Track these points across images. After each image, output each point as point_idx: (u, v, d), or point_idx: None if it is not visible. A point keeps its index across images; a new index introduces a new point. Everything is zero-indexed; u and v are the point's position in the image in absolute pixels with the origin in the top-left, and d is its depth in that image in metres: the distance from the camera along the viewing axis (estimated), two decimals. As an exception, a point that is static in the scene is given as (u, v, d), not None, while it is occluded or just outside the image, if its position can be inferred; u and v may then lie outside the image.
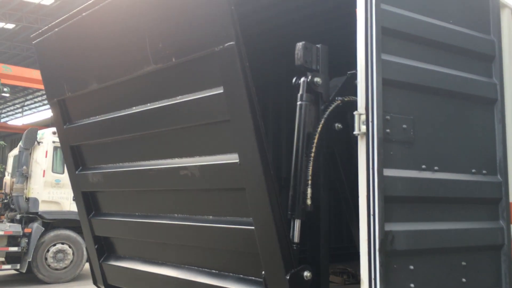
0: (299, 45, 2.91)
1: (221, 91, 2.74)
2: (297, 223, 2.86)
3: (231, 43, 2.59)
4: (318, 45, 2.95)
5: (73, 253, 11.36)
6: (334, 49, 3.06)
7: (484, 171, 3.20)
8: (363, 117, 2.72)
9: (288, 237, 2.74)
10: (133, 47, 3.24)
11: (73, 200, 11.25)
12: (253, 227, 2.78)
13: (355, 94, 2.83)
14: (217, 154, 2.92)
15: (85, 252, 11.49)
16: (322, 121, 2.91)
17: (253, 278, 2.92)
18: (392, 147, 2.76)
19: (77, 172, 4.12)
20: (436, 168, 2.96)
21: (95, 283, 4.31)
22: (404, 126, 2.84)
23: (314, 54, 2.94)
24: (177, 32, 2.94)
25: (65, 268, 11.25)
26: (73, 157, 4.11)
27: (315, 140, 2.86)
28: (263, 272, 2.77)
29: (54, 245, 11.15)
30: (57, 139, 11.40)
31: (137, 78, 3.29)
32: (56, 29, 3.73)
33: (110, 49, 3.43)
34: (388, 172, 2.70)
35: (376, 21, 2.74)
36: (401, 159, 2.81)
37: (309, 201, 2.82)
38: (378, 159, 2.67)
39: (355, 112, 2.75)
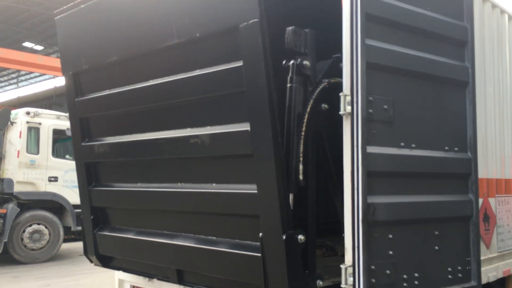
0: (289, 29, 3.08)
1: (240, 64, 2.97)
2: (290, 197, 3.06)
3: (256, 20, 2.82)
4: (307, 30, 3.12)
5: (49, 234, 11.40)
6: (319, 33, 3.23)
7: (456, 148, 3.46)
8: (348, 98, 2.93)
9: (288, 201, 2.95)
10: (158, 21, 3.46)
11: (49, 181, 11.32)
12: (255, 191, 2.99)
13: (340, 76, 3.04)
14: (229, 123, 3.14)
15: (61, 233, 11.56)
16: (311, 102, 3.11)
17: (250, 242, 3.13)
18: (374, 126, 2.98)
19: (83, 144, 4.25)
20: (413, 145, 3.20)
21: (85, 254, 4.43)
22: (385, 106, 3.06)
23: (302, 38, 3.12)
24: (203, 7, 3.16)
25: (41, 248, 11.29)
26: (81, 129, 4.25)
27: (305, 120, 3.06)
28: (260, 234, 2.99)
29: (30, 225, 11.16)
30: (31, 120, 11.36)
31: (156, 52, 3.51)
32: (82, 6, 3.95)
33: (134, 24, 3.64)
34: (370, 149, 2.93)
35: (361, 8, 2.93)
36: (382, 137, 3.03)
37: (301, 177, 3.03)
38: (362, 137, 2.88)
39: (340, 94, 2.95)
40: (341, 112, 2.94)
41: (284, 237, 2.88)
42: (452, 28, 3.53)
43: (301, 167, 3.02)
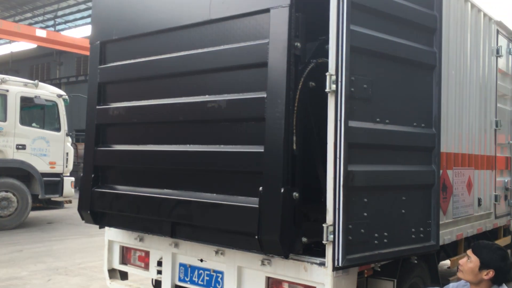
0: None
1: (267, 41, 3.42)
2: None
3: (286, 6, 3.34)
4: (298, 14, 3.45)
5: (17, 201, 11.44)
6: (307, 16, 3.57)
7: (422, 125, 3.90)
8: (333, 78, 3.29)
9: (289, 161, 3.36)
10: (195, 0, 3.92)
11: (17, 148, 11.30)
12: (262, 151, 3.41)
13: (326, 57, 3.40)
14: (247, 92, 3.58)
15: (29, 200, 11.62)
16: (301, 80, 3.46)
17: (247, 197, 3.53)
18: (355, 103, 3.36)
19: (98, 107, 4.61)
20: (387, 121, 3.62)
21: (79, 210, 4.71)
22: (365, 86, 3.44)
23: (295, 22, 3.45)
24: None
25: (9, 215, 11.34)
26: (98, 93, 4.63)
27: (297, 96, 3.41)
28: (260, 188, 3.39)
29: (-2, 192, 11.16)
30: (-3, 86, 11.24)
31: (188, 26, 3.96)
32: None
33: (170, 1, 4.10)
34: (351, 123, 3.31)
35: (351, 1, 3.27)
36: (361, 113, 3.42)
37: (294, 146, 3.40)
38: (345, 113, 3.26)
39: (327, 73, 3.31)
40: (327, 90, 3.31)
41: (282, 190, 3.30)
42: (423, 16, 3.93)
43: (294, 138, 3.39)
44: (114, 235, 4.87)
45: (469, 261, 3.07)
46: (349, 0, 3.30)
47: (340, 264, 3.25)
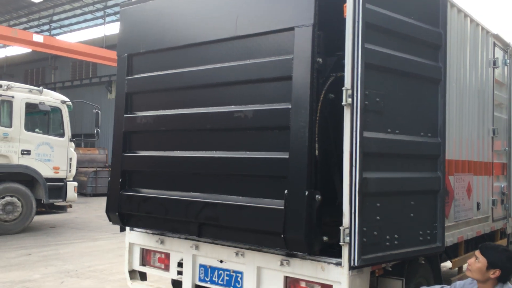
0: None
1: (291, 56, 3.75)
2: None
3: (310, 25, 3.66)
4: (319, 32, 3.73)
5: (22, 206, 11.63)
6: (325, 33, 3.85)
7: (429, 134, 4.20)
8: (349, 92, 3.58)
9: (312, 166, 3.65)
10: (221, 18, 4.23)
11: (22, 154, 11.50)
12: (287, 157, 3.71)
13: (342, 71, 3.69)
14: (272, 102, 3.89)
15: (34, 205, 11.80)
16: (323, 92, 3.75)
17: (272, 199, 3.82)
18: (369, 115, 3.65)
19: (125, 115, 4.89)
20: (397, 131, 3.91)
21: (107, 211, 4.96)
22: (377, 99, 3.73)
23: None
24: (265, 10, 3.99)
25: (14, 220, 11.52)
26: (126, 103, 4.91)
27: (319, 107, 3.69)
28: (285, 191, 3.67)
29: (3, 197, 11.36)
30: (4, 93, 11.44)
31: (212, 42, 4.29)
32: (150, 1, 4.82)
33: (196, 18, 4.44)
34: (366, 134, 3.60)
35: (362, 17, 3.57)
36: (374, 124, 3.71)
37: (317, 152, 3.68)
38: (360, 124, 3.55)
39: (343, 88, 3.60)
40: (343, 103, 3.59)
41: (306, 193, 3.59)
42: (429, 33, 4.23)
43: (317, 145, 3.67)
44: (135, 238, 5.12)
45: (477, 261, 3.35)
46: (364, 21, 3.59)
47: (356, 264, 3.53)
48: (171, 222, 4.54)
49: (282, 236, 3.65)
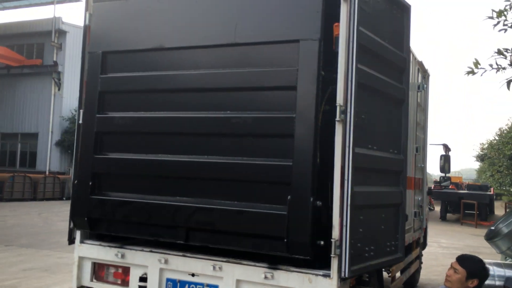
0: None
1: (295, 68, 3.80)
2: None
3: (316, 39, 3.74)
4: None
5: None
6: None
7: (395, 151, 4.50)
8: (342, 108, 3.72)
9: (315, 174, 3.72)
10: (218, 22, 4.14)
11: None
12: (290, 164, 3.73)
13: (334, 84, 3.81)
14: (270, 110, 3.91)
15: None
16: (323, 103, 3.83)
17: (274, 205, 3.83)
18: (357, 131, 3.82)
19: (98, 115, 4.57)
20: (375, 147, 4.13)
21: (73, 216, 4.62)
22: (363, 116, 3.92)
23: None
24: (270, 19, 3.97)
25: None
26: (99, 102, 4.58)
27: (320, 116, 3.77)
28: (288, 197, 3.71)
29: None
30: None
31: (207, 47, 4.20)
32: None
33: (189, 20, 4.30)
34: (357, 150, 3.77)
35: (357, 39, 3.74)
36: (361, 140, 3.88)
37: (318, 160, 3.75)
38: (353, 140, 3.70)
39: (337, 104, 3.73)
40: (337, 119, 3.72)
41: (311, 199, 3.67)
42: (398, 57, 4.55)
43: (318, 153, 3.74)
44: (86, 251, 4.74)
45: (456, 273, 3.63)
46: (358, 42, 3.77)
47: (346, 275, 3.66)
48: (153, 228, 4.34)
49: (285, 240, 3.69)
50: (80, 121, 4.73)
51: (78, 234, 4.78)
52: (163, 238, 4.36)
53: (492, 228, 7.93)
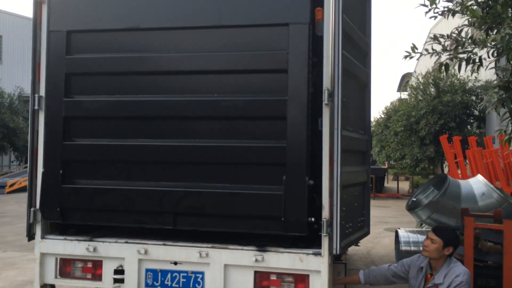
0: None
1: (285, 51, 3.82)
2: None
3: (306, 23, 3.79)
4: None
5: None
6: None
7: (362, 132, 4.73)
8: (329, 92, 3.83)
9: (309, 154, 3.81)
10: (202, 2, 4.03)
11: None
12: (285, 145, 3.79)
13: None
14: (259, 93, 3.96)
15: None
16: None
17: (267, 185, 3.89)
18: (341, 114, 3.95)
19: (65, 99, 4.26)
20: (351, 129, 4.31)
21: (42, 206, 4.30)
22: (344, 99, 4.06)
23: None
24: (252, 3, 3.92)
25: None
26: (65, 85, 4.26)
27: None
28: (284, 177, 3.77)
29: None
30: None
31: (190, 28, 4.08)
32: None
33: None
34: (343, 132, 3.90)
35: (342, 27, 3.85)
36: (344, 122, 4.03)
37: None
38: (341, 122, 3.83)
39: (324, 88, 3.82)
40: (325, 102, 3.82)
41: (307, 179, 3.77)
42: (363, 42, 4.76)
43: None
44: (50, 247, 4.39)
45: (433, 243, 3.94)
46: (343, 30, 3.89)
47: (338, 252, 3.82)
48: (136, 214, 4.17)
49: (282, 219, 3.77)
50: (36, 107, 4.35)
51: (38, 230, 4.43)
52: (148, 225, 4.23)
53: (414, 199, 8.65)
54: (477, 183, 6.62)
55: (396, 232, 7.11)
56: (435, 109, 19.88)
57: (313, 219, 3.87)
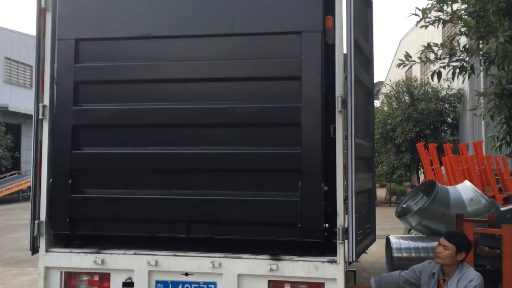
0: None
1: (299, 58, 3.84)
2: None
3: (319, 31, 3.82)
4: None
5: None
6: None
7: (368, 139, 4.76)
8: (343, 99, 3.84)
9: (323, 160, 3.81)
10: (215, 10, 4.00)
11: None
12: (299, 152, 3.80)
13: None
14: (282, 100, 3.93)
15: None
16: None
17: (282, 192, 3.87)
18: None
19: (74, 107, 4.19)
20: (360, 136, 4.33)
21: (50, 217, 4.21)
22: (356, 106, 4.09)
23: None
24: (270, 10, 3.91)
25: None
26: (74, 93, 4.19)
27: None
28: (299, 184, 3.77)
29: None
30: None
31: (201, 37, 4.05)
32: None
33: (181, 8, 4.10)
34: (356, 139, 3.92)
35: (354, 37, 3.88)
36: (356, 129, 4.05)
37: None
38: (355, 129, 3.85)
39: (337, 95, 3.84)
40: (338, 110, 3.83)
41: (323, 184, 3.78)
42: (368, 50, 4.81)
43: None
44: (55, 260, 4.25)
45: (446, 249, 3.97)
46: (355, 40, 3.93)
47: (354, 260, 3.81)
48: (148, 223, 4.10)
49: (298, 225, 3.76)
50: (40, 116, 4.23)
51: (42, 243, 4.29)
52: (161, 233, 4.16)
53: (404, 206, 8.75)
54: (465, 189, 6.72)
55: (387, 239, 7.16)
56: (411, 117, 20.26)
57: (327, 225, 3.86)
